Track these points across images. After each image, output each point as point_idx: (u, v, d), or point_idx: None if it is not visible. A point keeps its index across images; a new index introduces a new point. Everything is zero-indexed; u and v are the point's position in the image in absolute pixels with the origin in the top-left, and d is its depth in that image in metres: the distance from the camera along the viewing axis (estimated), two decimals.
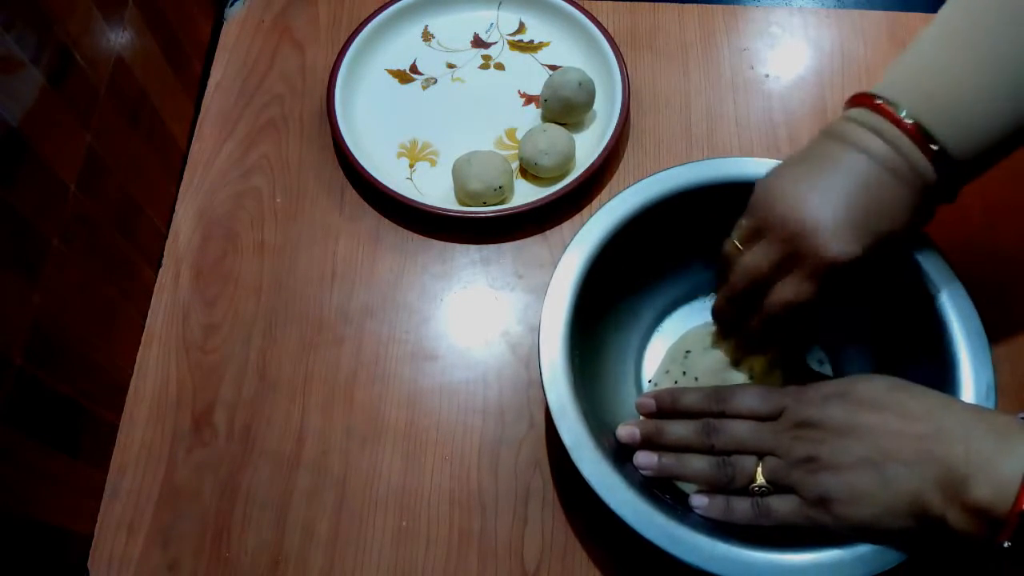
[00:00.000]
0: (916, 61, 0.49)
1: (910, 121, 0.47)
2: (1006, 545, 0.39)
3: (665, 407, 0.54)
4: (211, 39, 0.76)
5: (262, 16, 0.77)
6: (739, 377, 0.55)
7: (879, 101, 0.48)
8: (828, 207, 0.47)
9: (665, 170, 0.57)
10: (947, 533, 0.42)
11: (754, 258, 0.50)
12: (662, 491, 0.53)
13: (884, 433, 0.44)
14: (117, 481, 0.58)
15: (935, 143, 0.47)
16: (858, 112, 0.49)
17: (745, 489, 0.50)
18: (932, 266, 0.53)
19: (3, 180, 0.46)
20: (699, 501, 0.50)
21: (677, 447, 0.52)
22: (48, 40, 0.50)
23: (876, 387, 0.47)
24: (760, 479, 0.49)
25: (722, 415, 0.51)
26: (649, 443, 0.53)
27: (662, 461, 0.52)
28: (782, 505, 0.48)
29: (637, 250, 0.57)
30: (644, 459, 0.52)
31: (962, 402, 0.46)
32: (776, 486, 0.48)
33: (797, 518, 0.47)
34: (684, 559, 0.46)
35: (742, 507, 0.49)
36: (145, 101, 0.64)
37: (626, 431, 0.53)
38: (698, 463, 0.51)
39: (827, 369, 0.60)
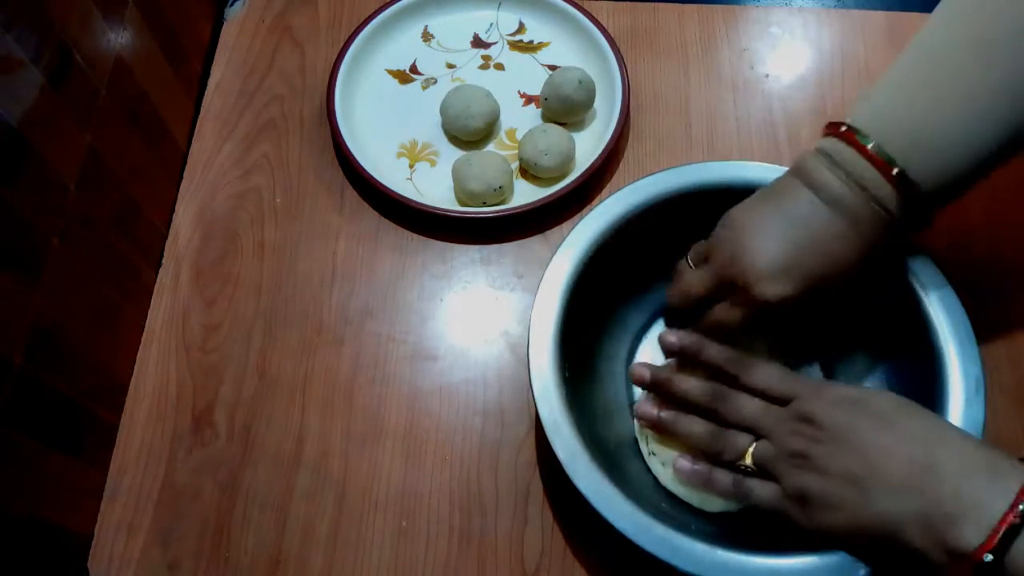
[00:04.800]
0: (886, 90, 0.50)
1: (875, 151, 0.48)
2: None
3: (688, 350, 0.53)
4: (211, 39, 0.76)
5: (262, 16, 0.77)
6: None
7: (846, 130, 0.49)
8: (769, 246, 0.50)
9: (649, 176, 0.58)
10: (916, 564, 0.41)
11: (695, 277, 0.54)
12: (660, 500, 0.53)
13: (879, 450, 0.43)
14: (117, 481, 0.58)
15: (901, 172, 0.47)
16: (828, 142, 0.50)
17: (732, 465, 0.50)
18: (919, 265, 0.54)
19: (3, 180, 0.46)
20: (683, 465, 0.51)
21: (683, 401, 0.52)
22: (48, 40, 0.50)
23: (887, 402, 0.46)
24: (748, 459, 0.49)
25: (736, 379, 0.51)
26: (657, 388, 0.53)
27: (661, 415, 0.52)
28: (762, 490, 0.48)
29: (626, 254, 0.57)
30: (645, 409, 0.53)
31: (964, 434, 0.44)
32: (761, 470, 0.48)
33: (771, 505, 0.47)
34: (685, 569, 0.46)
35: (723, 480, 0.49)
36: (145, 101, 0.64)
37: (640, 371, 0.53)
38: (696, 427, 0.51)
39: (816, 370, 0.60)
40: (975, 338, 0.51)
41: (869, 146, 0.48)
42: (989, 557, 0.38)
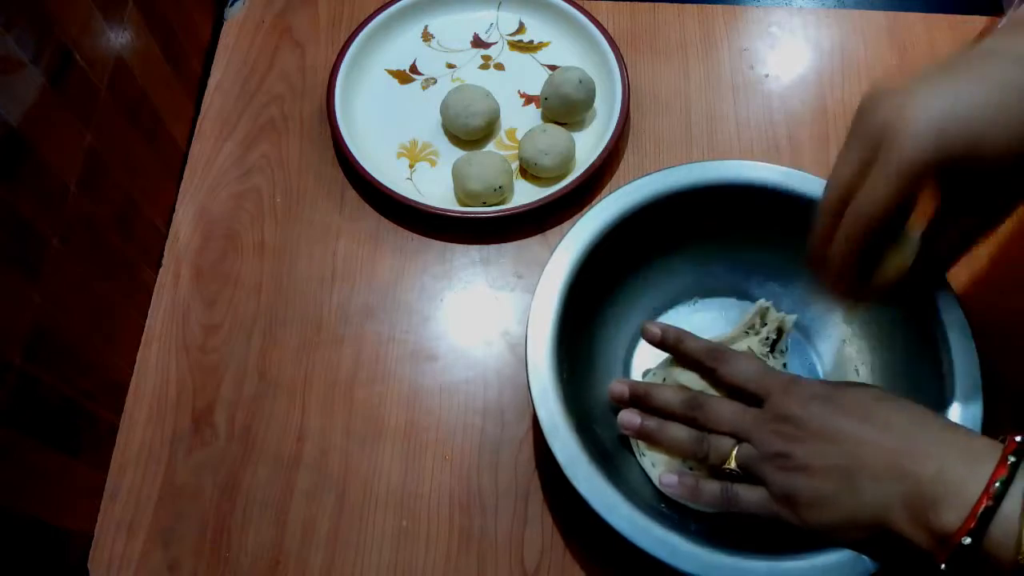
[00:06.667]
0: None
1: None
2: (942, 567, 0.39)
3: (668, 341, 0.53)
4: (211, 39, 0.76)
5: (262, 16, 0.77)
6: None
7: None
8: (942, 90, 0.40)
9: (647, 175, 0.58)
10: (908, 550, 0.41)
11: (842, 161, 0.44)
12: (657, 500, 0.53)
13: (860, 442, 0.43)
14: (117, 481, 0.58)
15: None
16: None
17: (718, 470, 0.49)
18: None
19: (3, 180, 0.46)
20: (668, 480, 0.50)
21: (662, 412, 0.52)
22: (48, 40, 0.50)
23: (863, 395, 0.46)
24: (732, 463, 0.48)
25: (713, 372, 0.51)
26: (636, 403, 0.53)
27: (644, 423, 0.51)
28: (750, 495, 0.48)
29: (624, 253, 0.57)
30: (627, 418, 0.52)
31: (944, 420, 0.45)
32: (747, 473, 0.48)
33: (761, 510, 0.47)
34: (684, 570, 0.46)
35: (710, 489, 0.49)
36: (145, 101, 0.64)
37: (618, 388, 0.53)
38: (678, 432, 0.51)
39: (817, 372, 0.60)
40: (973, 338, 0.52)
41: None
42: (968, 540, 0.38)
